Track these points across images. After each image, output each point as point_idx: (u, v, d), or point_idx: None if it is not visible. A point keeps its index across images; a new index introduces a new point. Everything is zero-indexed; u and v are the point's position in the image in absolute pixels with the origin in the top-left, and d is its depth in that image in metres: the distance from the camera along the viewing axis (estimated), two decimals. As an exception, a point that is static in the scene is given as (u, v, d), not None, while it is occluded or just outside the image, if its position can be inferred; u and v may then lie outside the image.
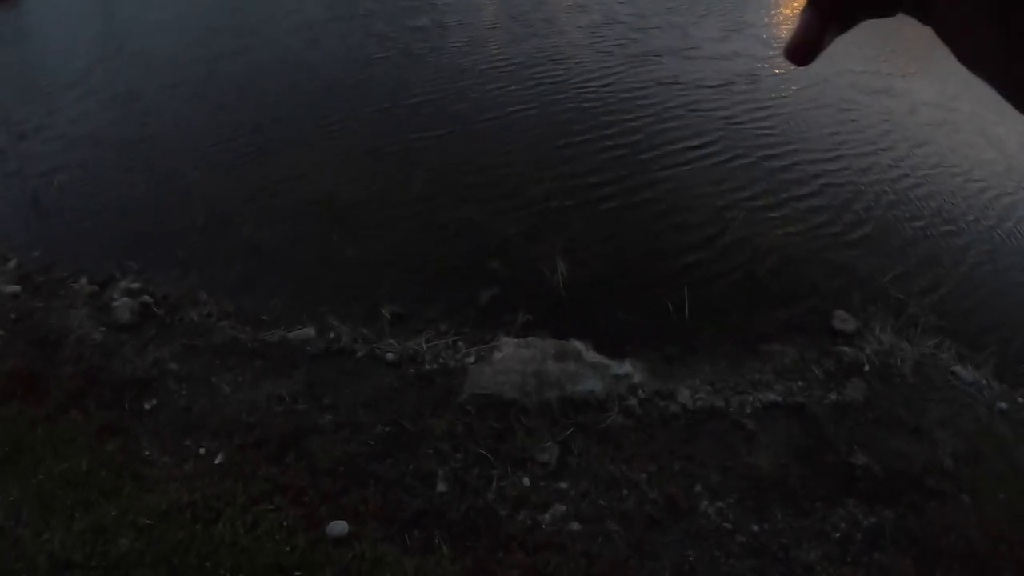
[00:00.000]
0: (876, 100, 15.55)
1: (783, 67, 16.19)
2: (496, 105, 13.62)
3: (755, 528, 6.17)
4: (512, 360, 7.85)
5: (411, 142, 12.48)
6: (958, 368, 7.82)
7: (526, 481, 6.66)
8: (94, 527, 6.20)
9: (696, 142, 12.46)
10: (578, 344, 8.06)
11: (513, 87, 14.56)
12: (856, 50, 17.30)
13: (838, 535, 6.10)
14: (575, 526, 6.30)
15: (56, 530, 6.15)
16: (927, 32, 0.62)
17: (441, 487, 6.66)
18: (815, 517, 6.22)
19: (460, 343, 8.29)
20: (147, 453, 6.89)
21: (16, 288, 8.87)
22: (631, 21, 18.91)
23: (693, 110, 13.78)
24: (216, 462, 6.85)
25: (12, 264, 9.50)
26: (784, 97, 14.81)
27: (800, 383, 7.64)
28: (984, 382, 7.74)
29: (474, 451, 6.94)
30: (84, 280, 9.15)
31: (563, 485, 6.63)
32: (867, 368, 7.74)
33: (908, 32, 19.09)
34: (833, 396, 7.45)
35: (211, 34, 18.34)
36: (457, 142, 12.43)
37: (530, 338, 8.20)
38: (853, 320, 8.46)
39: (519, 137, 12.56)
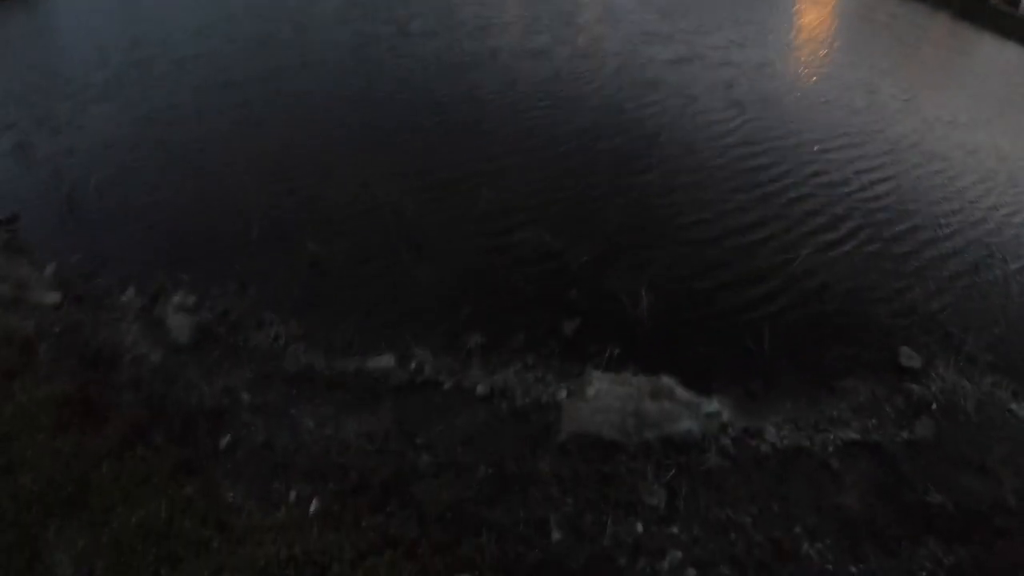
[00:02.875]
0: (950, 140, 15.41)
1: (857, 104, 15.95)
2: (574, 131, 12.95)
3: (853, 569, 5.93)
4: (608, 397, 7.19)
5: (481, 160, 11.67)
6: (1014, 406, 7.80)
7: (639, 527, 6.09)
8: (186, 587, 5.10)
9: (766, 176, 12.11)
10: (668, 380, 7.50)
11: (591, 112, 13.92)
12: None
13: (925, 574, 5.95)
14: (692, 572, 5.82)
15: (140, 590, 5.04)
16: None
17: (556, 535, 5.97)
18: (903, 557, 6.05)
19: (549, 376, 7.57)
20: (231, 498, 5.91)
21: (57, 296, 7.77)
22: (713, 55, 18.31)
23: (764, 145, 13.36)
24: (312, 510, 5.92)
25: (50, 270, 8.38)
26: (855, 134, 14.48)
27: (874, 421, 7.50)
28: (1040, 418, 7.62)
29: (583, 495, 6.27)
30: (132, 291, 8.10)
31: (675, 530, 6.11)
32: (935, 406, 7.66)
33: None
34: (905, 434, 7.33)
35: (266, 40, 17.11)
36: (530, 162, 11.68)
37: (624, 374, 7.54)
38: (918, 357, 8.37)
39: (594, 163, 11.90)
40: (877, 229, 10.99)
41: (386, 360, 7.49)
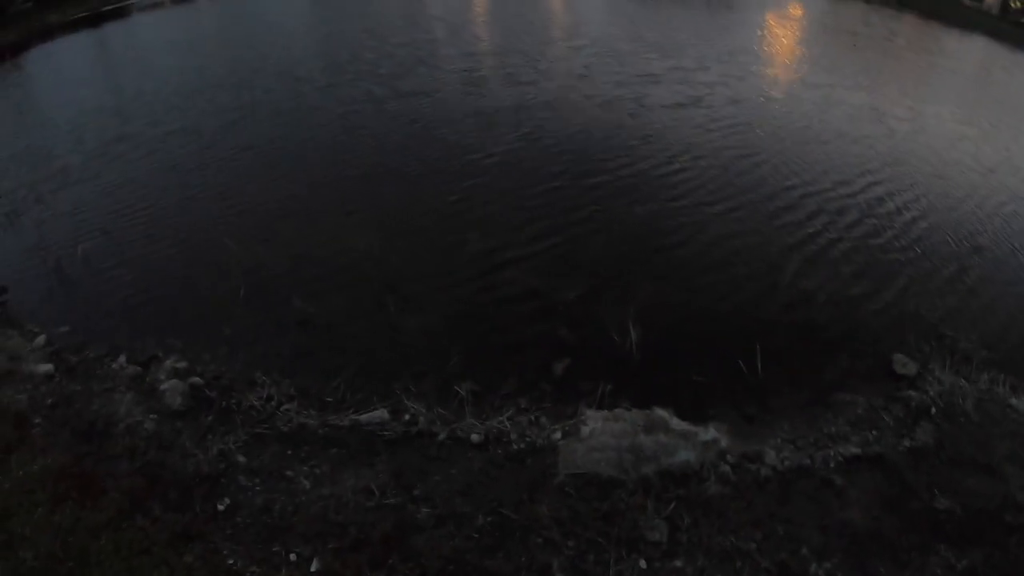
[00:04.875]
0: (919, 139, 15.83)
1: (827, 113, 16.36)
2: (556, 170, 13.09)
3: None
4: (603, 435, 7.23)
5: (463, 205, 11.79)
6: (1014, 401, 7.87)
7: (643, 564, 6.03)
8: (192, 663, 5.04)
9: (745, 199, 12.28)
10: (662, 412, 7.55)
11: (571, 148, 14.12)
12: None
13: None
14: None
15: (148, 667, 4.97)
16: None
17: (560, 579, 5.76)
18: (914, 567, 6.01)
19: (543, 419, 7.55)
20: (231, 563, 5.84)
21: (49, 367, 7.72)
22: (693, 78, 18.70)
23: (741, 167, 13.61)
24: (312, 570, 5.85)
25: (41, 340, 8.32)
26: (828, 142, 14.82)
27: (874, 432, 7.53)
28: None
29: (584, 536, 6.23)
30: (123, 359, 8.03)
31: (679, 563, 6.05)
32: (934, 410, 7.70)
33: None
34: (907, 442, 7.35)
35: (236, 91, 17.41)
36: (513, 202, 11.79)
37: (617, 410, 7.58)
38: (912, 363, 8.41)
39: (577, 198, 12.04)
40: (860, 239, 11.17)
41: (379, 414, 7.47)
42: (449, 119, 15.05)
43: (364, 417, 7.41)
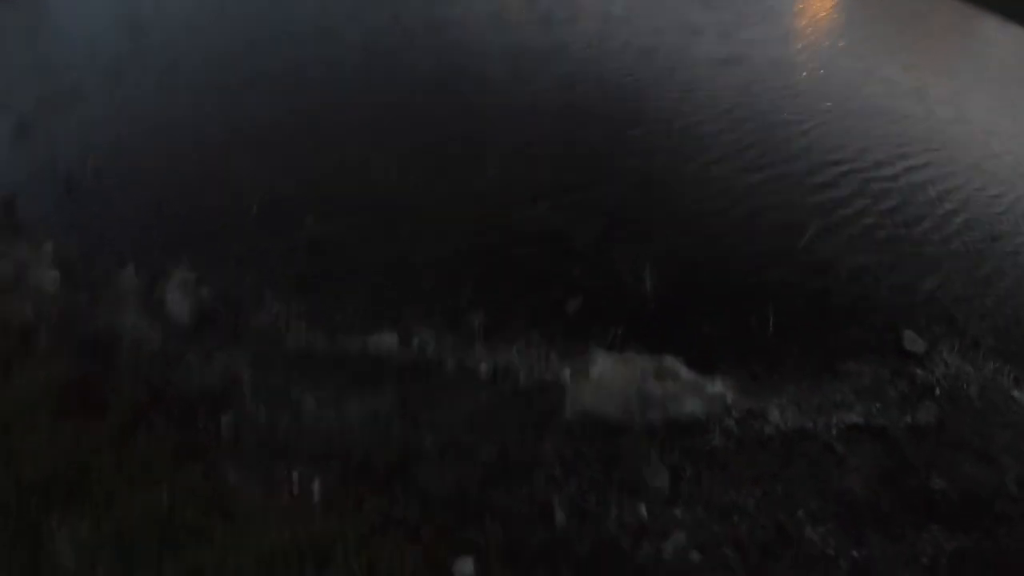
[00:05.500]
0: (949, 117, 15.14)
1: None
2: (581, 110, 12.59)
3: (855, 554, 5.88)
4: (612, 377, 7.11)
5: (485, 139, 11.41)
6: (1016, 393, 7.78)
7: (643, 509, 5.99)
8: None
9: (774, 158, 11.83)
10: (672, 361, 7.40)
11: (599, 91, 13.59)
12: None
13: (926, 560, 5.92)
14: (695, 556, 5.74)
15: (144, 580, 4.92)
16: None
17: (560, 517, 5.86)
18: (905, 542, 6.01)
19: (553, 356, 7.40)
20: (233, 483, 5.76)
21: (55, 274, 7.58)
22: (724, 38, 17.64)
23: (773, 127, 13.08)
24: (314, 493, 5.76)
25: (48, 247, 8.20)
26: (863, 114, 14.14)
27: (878, 405, 7.42)
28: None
29: (587, 476, 6.18)
30: (130, 271, 7.93)
31: (678, 512, 6.02)
32: (938, 391, 7.63)
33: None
34: (909, 419, 7.27)
35: (260, 11, 16.92)
36: (536, 140, 11.41)
37: (627, 354, 7.41)
38: (922, 342, 8.25)
39: (602, 141, 11.64)
40: (884, 211, 10.84)
41: (389, 340, 7.37)
42: (481, 53, 14.58)
43: (372, 342, 7.31)
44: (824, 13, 21.83)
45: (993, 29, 24.48)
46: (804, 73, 15.54)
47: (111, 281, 7.87)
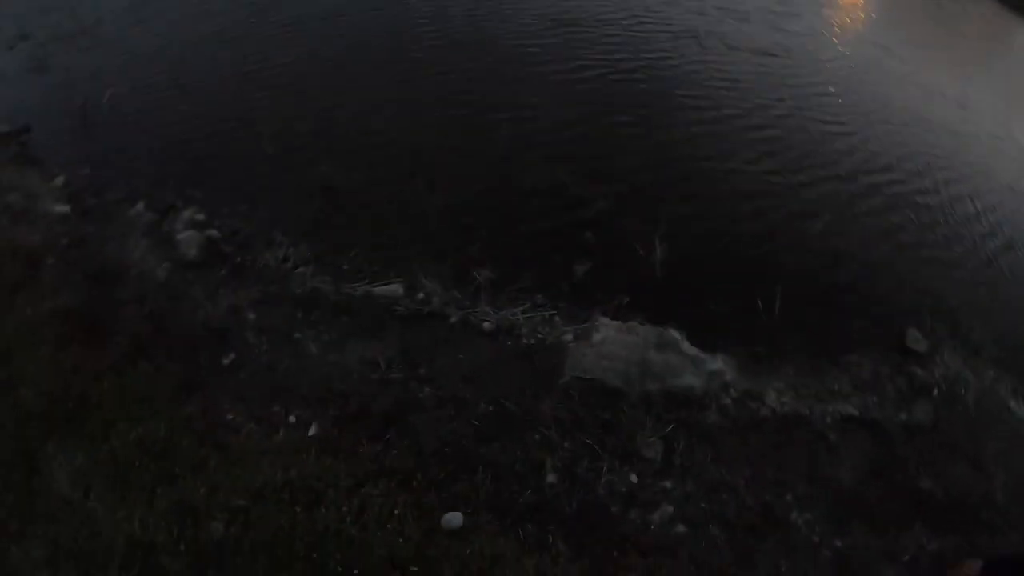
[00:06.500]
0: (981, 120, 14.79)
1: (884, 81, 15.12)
2: (603, 72, 12.26)
3: (839, 543, 5.85)
4: (614, 345, 7.05)
5: (503, 95, 11.10)
6: (1013, 404, 7.66)
7: (633, 477, 5.98)
8: (180, 506, 5.14)
9: (801, 155, 11.38)
10: (675, 333, 7.34)
11: (621, 53, 13.17)
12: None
13: (907, 557, 5.89)
14: (682, 528, 5.74)
15: (135, 507, 5.10)
16: None
17: (551, 478, 5.86)
18: (888, 537, 5.97)
19: (557, 318, 7.37)
20: (231, 418, 5.83)
21: (65, 208, 7.63)
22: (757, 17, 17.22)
23: (802, 111, 12.70)
24: (310, 434, 5.84)
25: (60, 180, 8.19)
26: (901, 121, 13.66)
27: (875, 398, 7.33)
28: (1035, 420, 7.61)
29: (581, 440, 6.14)
30: (141, 205, 7.90)
31: (668, 484, 5.99)
32: (935, 393, 7.49)
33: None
34: (904, 416, 7.17)
35: None
36: (554, 100, 11.10)
37: (631, 323, 7.37)
38: (924, 341, 8.12)
39: (621, 107, 11.32)
40: (911, 217, 10.52)
41: (394, 288, 7.32)
42: (523, 16, 14.05)
43: (378, 290, 7.27)
44: (871, 8, 21.24)
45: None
46: (845, 72, 15.03)
47: (121, 214, 7.85)
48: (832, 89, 14.02)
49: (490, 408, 6.31)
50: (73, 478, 5.24)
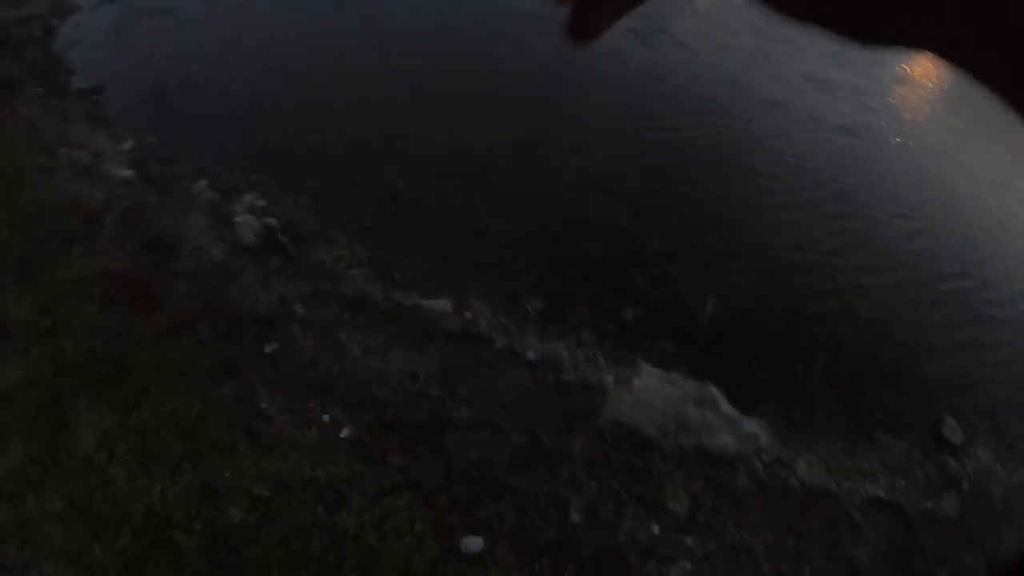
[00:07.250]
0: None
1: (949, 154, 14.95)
2: (677, 122, 12.20)
3: None
4: (654, 394, 6.93)
5: (575, 131, 11.14)
6: None
7: (656, 529, 5.80)
8: (203, 486, 5.02)
9: (867, 239, 11.16)
10: (715, 390, 7.19)
11: (696, 107, 13.15)
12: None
13: None
14: None
15: (157, 479, 4.97)
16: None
17: (575, 517, 5.70)
18: None
19: (600, 358, 7.22)
20: (264, 406, 5.69)
21: (130, 173, 7.64)
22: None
23: (878, 211, 12.27)
24: (342, 435, 5.69)
25: (127, 145, 8.22)
26: (985, 227, 13.38)
27: (903, 482, 7.13)
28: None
29: (609, 484, 5.98)
30: (204, 183, 7.88)
31: (689, 541, 5.80)
32: (965, 486, 7.26)
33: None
34: (930, 504, 6.96)
35: None
36: (624, 143, 11.11)
37: (673, 374, 7.23)
38: (961, 432, 7.88)
39: (691, 157, 11.32)
40: (963, 300, 10.28)
41: (443, 304, 7.22)
42: (602, 69, 14.12)
43: (427, 303, 7.17)
44: (960, 91, 20.99)
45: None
46: (928, 160, 14.87)
47: (183, 188, 7.84)
48: (905, 180, 13.84)
49: (523, 438, 6.16)
50: (100, 439, 5.14)
